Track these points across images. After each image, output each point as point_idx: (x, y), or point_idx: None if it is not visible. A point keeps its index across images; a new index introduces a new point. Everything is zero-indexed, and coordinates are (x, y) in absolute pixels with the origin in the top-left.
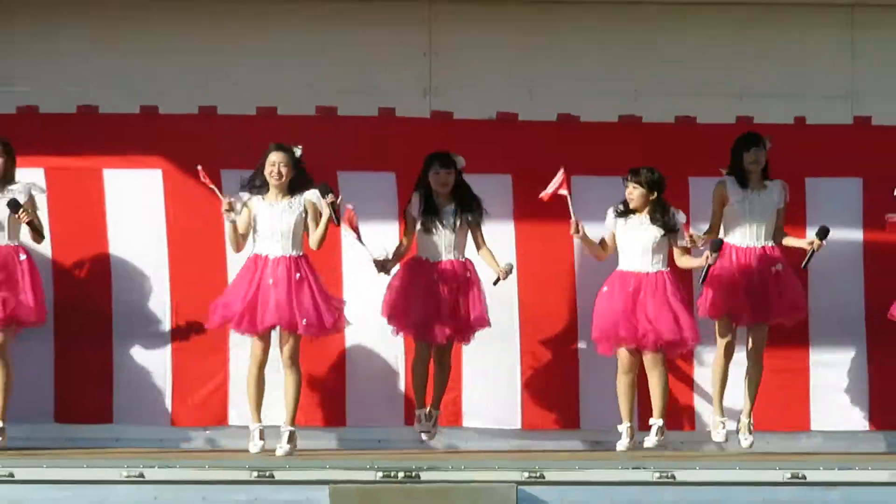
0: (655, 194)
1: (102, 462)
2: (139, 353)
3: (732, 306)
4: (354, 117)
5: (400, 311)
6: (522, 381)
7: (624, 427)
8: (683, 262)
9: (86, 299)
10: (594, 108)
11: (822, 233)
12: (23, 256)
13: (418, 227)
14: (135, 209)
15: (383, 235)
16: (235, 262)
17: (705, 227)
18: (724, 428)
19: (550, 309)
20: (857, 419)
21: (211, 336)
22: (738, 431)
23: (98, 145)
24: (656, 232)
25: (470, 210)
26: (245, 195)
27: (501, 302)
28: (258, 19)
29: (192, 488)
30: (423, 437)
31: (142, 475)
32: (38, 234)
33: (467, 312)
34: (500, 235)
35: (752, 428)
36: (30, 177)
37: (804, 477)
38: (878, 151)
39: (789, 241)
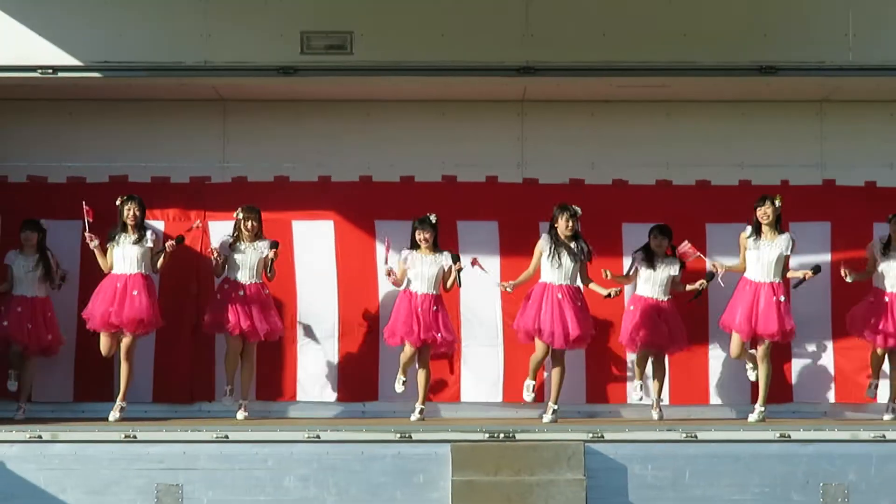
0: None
1: (289, 426)
2: (316, 349)
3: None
4: (469, 182)
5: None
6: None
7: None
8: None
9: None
10: (636, 174)
11: (817, 269)
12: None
13: (545, 259)
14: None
15: (487, 263)
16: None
17: (726, 261)
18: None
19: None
20: (828, 396)
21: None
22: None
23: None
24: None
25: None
26: (406, 252)
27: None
28: (404, 116)
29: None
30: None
31: (318, 436)
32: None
33: (572, 325)
34: None
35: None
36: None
37: (789, 436)
38: (841, 203)
39: (792, 274)
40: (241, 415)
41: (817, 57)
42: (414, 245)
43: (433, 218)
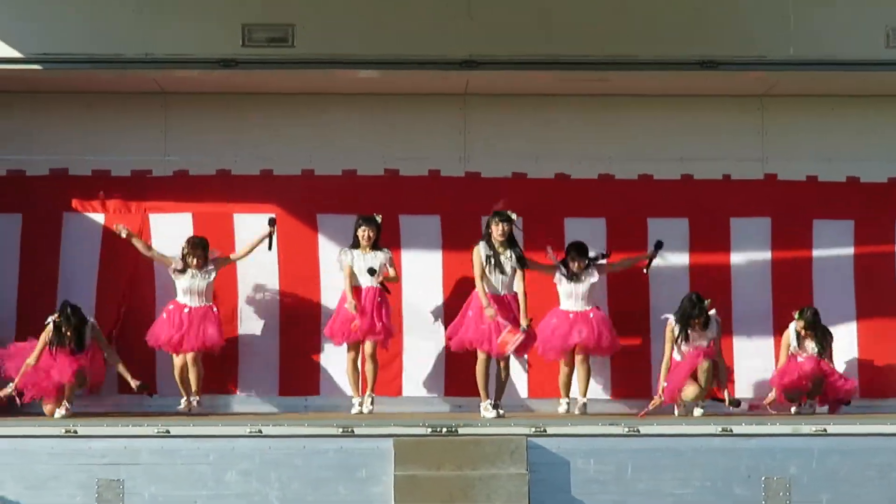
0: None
1: (231, 421)
2: (258, 343)
3: None
4: (412, 176)
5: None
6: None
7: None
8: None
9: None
10: (579, 169)
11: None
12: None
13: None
14: None
15: (430, 258)
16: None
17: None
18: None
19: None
20: (764, 388)
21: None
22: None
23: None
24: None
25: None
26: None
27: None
28: (346, 110)
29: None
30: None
31: (260, 431)
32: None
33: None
34: None
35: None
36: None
37: (731, 430)
38: (782, 199)
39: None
40: (183, 403)
41: (758, 52)
42: (355, 243)
43: (379, 218)
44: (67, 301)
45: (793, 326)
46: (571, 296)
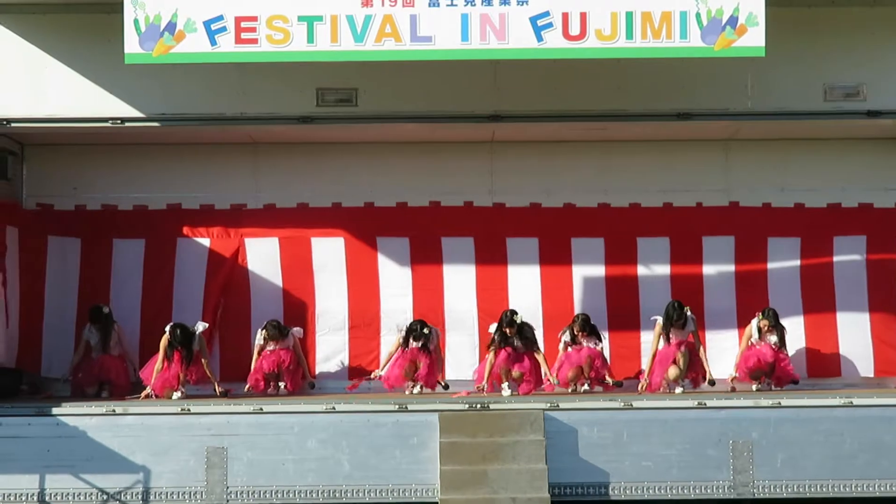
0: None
1: (311, 400)
2: (330, 339)
3: None
4: (451, 206)
5: None
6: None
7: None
8: None
9: None
10: (582, 199)
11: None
12: None
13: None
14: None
15: (465, 272)
16: None
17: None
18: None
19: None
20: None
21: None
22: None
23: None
24: None
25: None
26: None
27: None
28: (399, 155)
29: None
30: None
31: (333, 408)
32: None
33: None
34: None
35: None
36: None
37: (705, 404)
38: (744, 221)
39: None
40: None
41: (723, 106)
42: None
43: (426, 331)
44: (175, 324)
45: (755, 322)
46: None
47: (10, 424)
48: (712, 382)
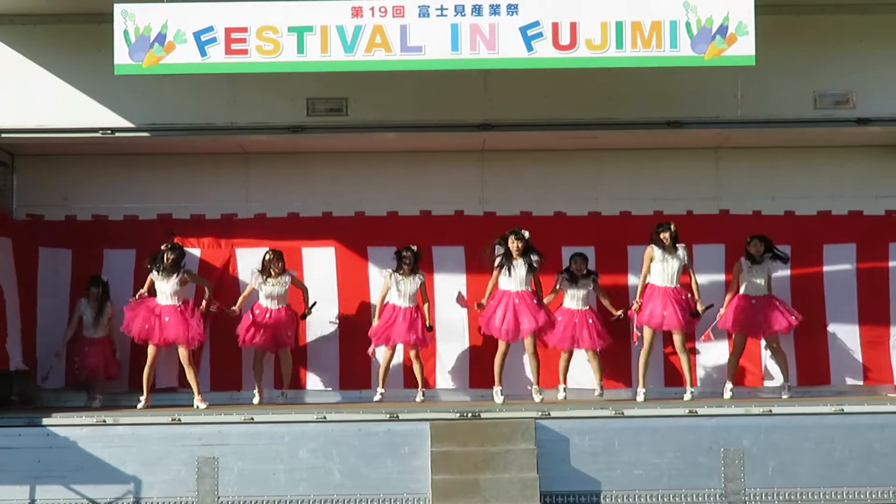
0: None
1: (302, 410)
2: (321, 347)
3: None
4: (441, 216)
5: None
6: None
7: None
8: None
9: None
10: (572, 207)
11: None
12: None
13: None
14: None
15: (456, 281)
16: None
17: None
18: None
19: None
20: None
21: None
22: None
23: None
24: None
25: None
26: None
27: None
28: (389, 164)
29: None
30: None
31: (324, 417)
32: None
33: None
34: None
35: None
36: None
37: (696, 412)
38: (733, 229)
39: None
40: (256, 399)
41: (713, 114)
42: (399, 267)
43: (414, 248)
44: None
45: (743, 260)
46: (574, 298)
47: (0, 435)
48: (696, 315)
